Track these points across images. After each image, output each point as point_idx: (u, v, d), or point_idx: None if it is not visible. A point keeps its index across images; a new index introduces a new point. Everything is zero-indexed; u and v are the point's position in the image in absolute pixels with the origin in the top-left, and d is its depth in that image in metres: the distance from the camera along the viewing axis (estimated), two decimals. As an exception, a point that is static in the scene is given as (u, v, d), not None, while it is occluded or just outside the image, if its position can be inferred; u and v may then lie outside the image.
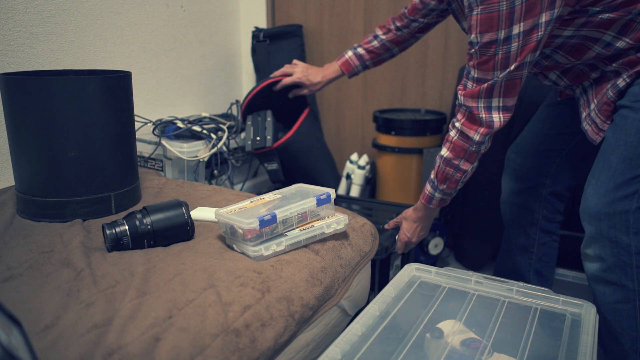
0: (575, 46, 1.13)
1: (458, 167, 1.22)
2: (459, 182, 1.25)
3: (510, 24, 0.99)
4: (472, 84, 1.13)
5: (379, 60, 1.56)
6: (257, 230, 0.96)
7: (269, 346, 0.81)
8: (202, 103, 2.26)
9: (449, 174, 1.24)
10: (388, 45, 1.52)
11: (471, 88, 1.13)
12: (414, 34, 1.48)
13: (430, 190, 1.31)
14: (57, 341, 0.69)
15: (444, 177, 1.25)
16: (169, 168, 1.72)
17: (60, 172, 1.13)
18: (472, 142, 1.17)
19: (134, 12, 1.84)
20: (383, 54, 1.54)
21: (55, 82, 1.09)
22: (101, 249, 1.01)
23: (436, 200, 1.31)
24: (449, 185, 1.26)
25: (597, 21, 1.06)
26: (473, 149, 1.18)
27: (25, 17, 1.48)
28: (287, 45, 2.26)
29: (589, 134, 1.19)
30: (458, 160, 1.21)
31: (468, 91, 1.14)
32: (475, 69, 1.10)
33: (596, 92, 1.18)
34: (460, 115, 1.18)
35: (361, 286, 1.19)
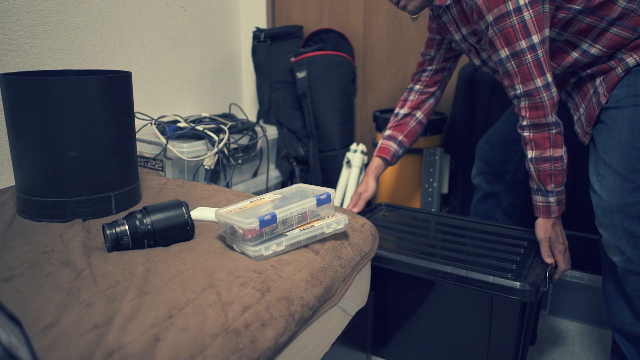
0: (557, 50, 1.24)
1: (552, 158, 1.19)
2: (562, 172, 1.21)
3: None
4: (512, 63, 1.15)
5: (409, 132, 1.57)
6: (257, 230, 0.96)
7: (269, 346, 0.81)
8: (202, 103, 2.26)
9: (548, 170, 1.20)
10: (407, 112, 1.56)
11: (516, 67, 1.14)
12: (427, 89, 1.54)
13: (542, 200, 1.25)
14: (57, 341, 0.69)
15: (545, 176, 1.21)
16: (169, 168, 1.72)
17: (60, 172, 1.13)
18: (548, 126, 1.17)
19: (134, 12, 1.84)
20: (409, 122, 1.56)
21: (56, 82, 1.09)
22: (101, 249, 1.01)
23: (554, 205, 1.24)
24: (556, 180, 1.21)
25: (577, 24, 1.17)
26: (554, 132, 1.18)
27: (25, 18, 1.48)
28: (288, 45, 2.27)
29: (580, 136, 1.28)
30: (548, 151, 1.19)
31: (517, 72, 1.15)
32: (504, 48, 1.14)
33: (581, 96, 1.29)
34: (523, 111, 1.18)
35: (361, 286, 1.19)
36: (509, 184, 1.60)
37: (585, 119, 1.26)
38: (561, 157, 1.20)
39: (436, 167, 1.92)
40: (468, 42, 1.31)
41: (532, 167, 1.22)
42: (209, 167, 1.74)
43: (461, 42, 1.33)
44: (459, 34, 1.31)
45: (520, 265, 1.24)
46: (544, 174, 1.21)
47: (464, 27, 1.28)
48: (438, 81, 1.55)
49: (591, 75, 1.25)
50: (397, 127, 1.57)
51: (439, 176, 1.94)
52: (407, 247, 1.37)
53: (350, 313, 1.15)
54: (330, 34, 2.27)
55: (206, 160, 1.73)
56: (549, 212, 1.25)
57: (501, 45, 1.14)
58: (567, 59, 1.24)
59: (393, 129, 1.57)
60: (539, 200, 1.25)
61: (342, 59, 2.19)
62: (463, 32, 1.29)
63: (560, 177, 1.21)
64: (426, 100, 1.56)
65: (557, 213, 1.26)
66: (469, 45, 1.32)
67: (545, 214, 1.26)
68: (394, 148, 1.56)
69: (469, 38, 1.29)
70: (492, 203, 1.65)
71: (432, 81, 1.54)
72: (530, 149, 1.21)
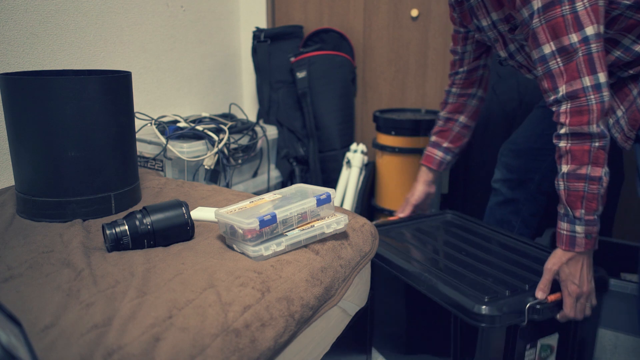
0: None
1: (588, 177, 0.99)
2: (598, 197, 1.00)
3: None
4: (558, 61, 0.99)
5: (455, 138, 1.50)
6: (257, 230, 0.96)
7: (269, 346, 0.81)
8: (202, 103, 2.26)
9: (581, 191, 1.00)
10: (450, 116, 1.48)
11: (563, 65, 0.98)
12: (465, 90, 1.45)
13: (567, 228, 1.03)
14: (57, 341, 0.69)
15: (576, 198, 1.01)
16: (169, 168, 1.72)
17: (60, 172, 1.13)
18: (591, 137, 0.99)
19: (134, 12, 1.84)
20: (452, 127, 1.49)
21: (55, 82, 1.09)
22: (101, 249, 1.01)
23: (580, 236, 1.02)
24: (589, 206, 1.00)
25: (624, 20, 1.05)
26: (597, 145, 0.99)
27: (25, 17, 1.48)
28: (288, 45, 2.27)
29: (619, 141, 1.17)
30: (584, 167, 0.99)
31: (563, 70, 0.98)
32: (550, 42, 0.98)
33: (620, 97, 1.16)
34: (563, 117, 1.01)
35: (361, 286, 1.19)
36: (532, 193, 1.52)
37: (627, 122, 1.13)
38: (600, 179, 0.99)
39: (436, 167, 1.92)
40: (497, 30, 1.18)
41: (563, 184, 1.03)
42: (209, 167, 1.74)
43: (488, 30, 1.20)
44: (487, 19, 1.17)
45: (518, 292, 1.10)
46: (575, 195, 1.01)
47: (494, 12, 1.14)
48: (475, 81, 1.43)
49: (634, 76, 1.12)
50: (440, 133, 1.49)
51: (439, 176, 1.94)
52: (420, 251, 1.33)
53: (350, 313, 1.15)
54: (330, 34, 2.27)
55: (206, 160, 1.73)
56: (572, 244, 1.03)
57: (546, 39, 0.99)
58: (608, 57, 1.10)
59: (437, 135, 1.50)
60: (563, 227, 1.04)
61: (342, 59, 2.19)
62: (493, 18, 1.15)
63: (594, 203, 1.00)
64: (467, 102, 1.46)
65: (583, 248, 1.02)
66: (497, 33, 1.19)
67: (568, 246, 1.03)
68: (439, 156, 1.49)
69: (499, 25, 1.16)
70: (511, 209, 1.57)
71: (467, 82, 1.44)
72: (564, 163, 1.02)
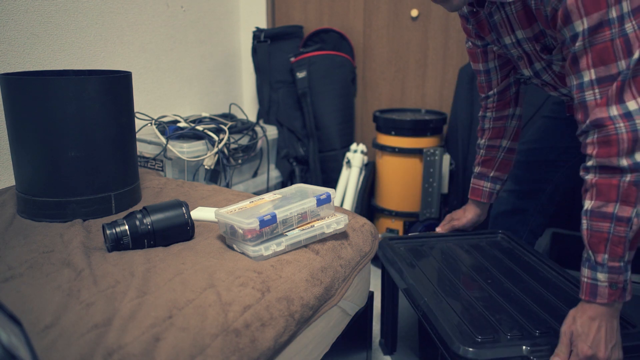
0: None
1: (615, 217, 0.86)
2: (624, 241, 0.86)
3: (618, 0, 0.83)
4: (596, 92, 0.87)
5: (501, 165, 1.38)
6: (257, 230, 0.96)
7: (269, 346, 0.81)
8: (202, 103, 2.27)
9: (606, 231, 0.87)
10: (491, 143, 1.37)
11: (600, 98, 0.86)
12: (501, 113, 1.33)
13: (588, 274, 0.89)
14: (57, 341, 0.69)
15: (599, 240, 0.88)
16: (169, 168, 1.72)
17: (60, 172, 1.13)
18: (621, 170, 0.85)
19: (134, 12, 1.84)
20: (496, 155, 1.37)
21: (56, 82, 1.09)
22: (101, 249, 1.01)
23: (603, 286, 0.88)
24: (613, 251, 0.87)
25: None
26: (627, 180, 0.85)
27: (25, 18, 1.48)
28: (288, 45, 2.27)
29: None
30: (611, 205, 0.86)
31: (591, 102, 0.87)
32: (591, 69, 0.86)
33: None
34: (590, 148, 0.89)
35: (361, 286, 1.19)
36: (542, 204, 1.46)
37: None
38: (629, 220, 0.85)
39: (436, 167, 1.92)
40: (521, 48, 1.08)
41: (586, 223, 0.90)
42: (209, 167, 1.74)
43: (511, 47, 1.10)
44: (511, 37, 1.07)
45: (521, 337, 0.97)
46: (598, 237, 0.88)
47: (520, 30, 1.04)
48: (509, 101, 1.31)
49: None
50: (485, 162, 1.38)
51: (439, 176, 1.94)
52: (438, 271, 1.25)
53: (350, 313, 1.15)
54: (330, 34, 2.27)
55: (206, 160, 1.73)
56: (594, 294, 0.89)
57: (588, 65, 0.86)
58: None
59: (482, 165, 1.38)
60: (585, 274, 0.90)
61: (342, 59, 2.19)
62: (518, 36, 1.05)
63: (620, 248, 0.86)
64: (506, 125, 1.34)
65: (606, 299, 0.87)
66: (521, 51, 1.09)
67: (589, 296, 0.89)
68: (488, 187, 1.38)
69: (524, 43, 1.06)
70: (519, 219, 1.50)
71: (501, 104, 1.32)
72: (589, 198, 0.89)
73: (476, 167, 1.40)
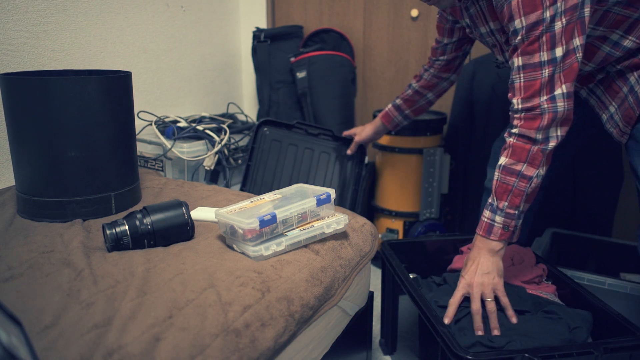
0: (588, 46, 1.13)
1: (520, 174, 1.06)
2: (523, 195, 1.07)
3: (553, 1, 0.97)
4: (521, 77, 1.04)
5: (417, 109, 1.61)
6: (257, 230, 0.96)
7: (269, 346, 0.81)
8: (202, 103, 2.26)
9: (510, 184, 1.07)
10: (420, 90, 1.56)
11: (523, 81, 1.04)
12: (440, 74, 1.52)
13: (488, 215, 1.10)
14: (57, 341, 0.69)
15: (503, 190, 1.07)
16: (169, 168, 1.72)
17: (60, 172, 1.13)
18: (534, 141, 1.05)
19: (134, 12, 1.84)
20: (418, 100, 1.59)
21: (55, 82, 1.09)
22: (101, 249, 1.01)
23: (498, 226, 1.08)
24: (512, 200, 1.07)
25: (611, 17, 1.07)
26: (537, 147, 1.05)
27: (25, 18, 1.48)
28: (288, 45, 2.27)
29: (615, 135, 1.19)
30: (520, 164, 1.06)
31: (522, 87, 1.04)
32: (519, 57, 1.03)
33: (610, 94, 1.19)
34: (517, 120, 1.07)
35: (361, 286, 1.19)
36: (538, 201, 1.52)
37: (621, 119, 1.16)
38: (530, 178, 1.06)
39: (436, 167, 1.92)
40: (494, 37, 1.21)
41: (497, 175, 1.09)
42: (208, 167, 1.74)
43: (486, 36, 1.23)
44: (486, 27, 1.20)
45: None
46: (503, 188, 1.07)
47: (492, 22, 1.17)
48: (452, 68, 1.51)
49: (620, 71, 1.15)
50: (407, 101, 1.60)
51: (439, 176, 1.94)
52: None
53: (350, 313, 1.15)
54: (330, 34, 2.27)
55: (206, 161, 1.73)
56: (489, 232, 1.09)
57: (518, 54, 1.04)
58: (599, 53, 1.14)
59: (404, 101, 1.61)
60: (485, 215, 1.10)
61: (342, 59, 2.19)
62: (491, 27, 1.19)
63: (518, 200, 1.07)
64: (439, 83, 1.55)
65: (498, 237, 1.08)
66: (495, 40, 1.22)
67: (485, 232, 1.09)
68: (398, 119, 1.64)
69: (496, 34, 1.19)
70: None
71: (445, 69, 1.51)
72: (504, 155, 1.08)
73: (398, 100, 1.62)
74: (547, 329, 1.05)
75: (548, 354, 0.92)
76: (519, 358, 0.91)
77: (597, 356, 0.93)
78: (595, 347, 0.94)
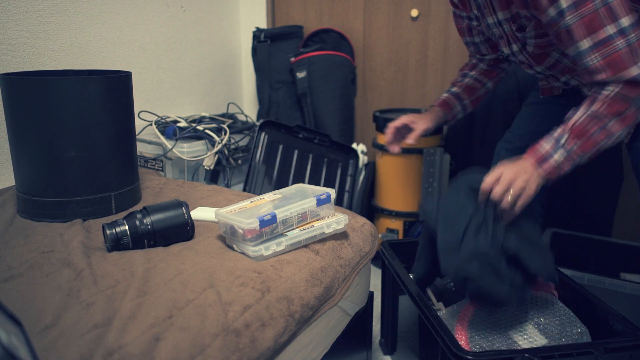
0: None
1: (606, 127, 1.00)
2: (596, 147, 1.01)
3: None
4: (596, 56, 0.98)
5: (476, 99, 1.45)
6: (257, 230, 0.96)
7: (269, 346, 0.81)
8: (202, 103, 2.26)
9: (591, 131, 1.00)
10: (480, 78, 1.44)
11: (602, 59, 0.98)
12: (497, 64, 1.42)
13: (549, 147, 1.03)
14: (57, 341, 0.69)
15: (581, 132, 1.00)
16: (169, 168, 1.72)
17: (60, 172, 1.13)
18: (632, 101, 0.98)
19: (134, 12, 1.84)
20: (479, 89, 1.44)
21: (56, 82, 1.09)
22: (101, 249, 1.01)
23: (552, 161, 1.02)
24: (584, 146, 1.00)
25: None
26: (634, 110, 0.99)
27: (25, 18, 1.48)
28: (288, 45, 2.27)
29: None
30: (610, 117, 0.99)
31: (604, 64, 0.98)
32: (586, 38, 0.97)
33: None
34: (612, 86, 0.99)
35: (361, 286, 1.19)
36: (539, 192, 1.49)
37: None
38: (612, 135, 1.00)
39: (436, 167, 1.92)
40: (502, 28, 1.18)
41: (579, 115, 1.01)
42: (208, 167, 1.74)
43: (493, 27, 1.20)
44: (493, 17, 1.17)
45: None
46: (581, 131, 1.00)
47: (501, 12, 1.14)
48: (494, 75, 1.43)
49: None
50: (467, 89, 1.42)
51: (439, 176, 1.94)
52: None
53: (350, 313, 1.15)
54: (330, 34, 2.27)
55: (206, 161, 1.73)
56: (542, 162, 1.03)
57: (582, 35, 0.97)
58: None
59: (463, 90, 1.42)
60: (544, 147, 1.04)
61: (342, 59, 2.19)
62: (499, 17, 1.15)
63: (589, 147, 1.01)
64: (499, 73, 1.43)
65: (548, 171, 1.03)
66: (502, 31, 1.19)
67: (538, 160, 1.03)
68: (457, 109, 1.43)
69: (504, 24, 1.16)
70: None
71: (488, 73, 1.42)
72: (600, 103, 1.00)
73: (454, 88, 1.42)
74: None
75: (548, 354, 0.92)
76: (519, 358, 0.91)
77: (597, 356, 0.93)
78: (595, 347, 0.94)
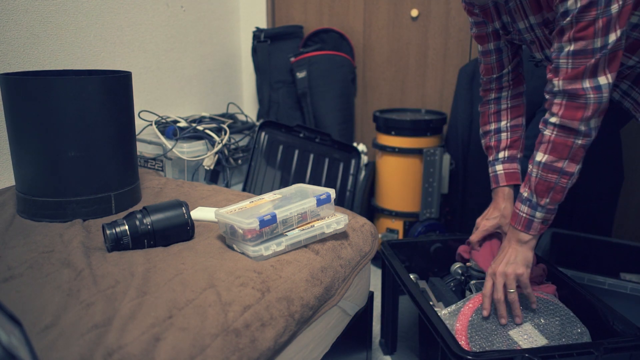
0: (634, 41, 1.06)
1: (562, 171, 1.02)
2: (564, 191, 1.04)
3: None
4: (569, 62, 0.97)
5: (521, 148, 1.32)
6: (257, 230, 0.96)
7: (269, 346, 0.81)
8: (202, 103, 2.26)
9: (552, 182, 1.03)
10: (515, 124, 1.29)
11: (571, 68, 0.97)
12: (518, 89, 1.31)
13: (527, 211, 1.07)
14: (57, 341, 0.69)
15: (545, 188, 1.04)
16: (169, 168, 1.72)
17: (60, 172, 1.13)
18: (577, 134, 0.99)
19: (134, 12, 1.84)
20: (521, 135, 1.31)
21: (56, 82, 1.09)
22: (101, 249, 1.01)
23: (537, 222, 1.06)
24: (554, 197, 1.04)
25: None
26: (580, 143, 1.00)
27: (25, 18, 1.48)
28: (288, 45, 2.27)
29: (632, 111, 1.15)
30: (561, 162, 1.01)
31: (569, 72, 0.97)
32: (571, 42, 0.96)
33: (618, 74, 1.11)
34: (556, 107, 1.00)
35: (361, 286, 1.19)
36: None
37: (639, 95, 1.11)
38: (572, 174, 1.02)
39: (436, 167, 1.92)
40: (534, 33, 1.13)
41: (535, 172, 1.05)
42: (208, 167, 1.74)
43: (525, 32, 1.15)
44: (525, 22, 1.12)
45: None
46: (544, 185, 1.04)
47: (532, 16, 1.10)
48: (522, 78, 1.32)
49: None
50: (514, 144, 1.29)
51: (439, 176, 1.94)
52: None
53: (350, 313, 1.15)
54: (330, 34, 2.27)
55: (206, 161, 1.73)
56: (528, 227, 1.07)
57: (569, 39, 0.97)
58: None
59: (510, 148, 1.28)
60: (523, 210, 1.08)
61: (342, 59, 2.19)
62: (531, 21, 1.11)
63: (560, 195, 1.04)
64: (523, 102, 1.32)
65: (537, 232, 1.08)
66: (534, 36, 1.14)
67: (524, 227, 1.08)
68: (519, 169, 1.31)
69: (536, 28, 1.12)
70: None
71: (516, 81, 1.30)
72: (543, 151, 1.03)
73: (502, 152, 1.29)
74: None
75: (548, 354, 0.92)
76: (519, 358, 0.91)
77: (597, 356, 0.93)
78: (595, 347, 0.94)
